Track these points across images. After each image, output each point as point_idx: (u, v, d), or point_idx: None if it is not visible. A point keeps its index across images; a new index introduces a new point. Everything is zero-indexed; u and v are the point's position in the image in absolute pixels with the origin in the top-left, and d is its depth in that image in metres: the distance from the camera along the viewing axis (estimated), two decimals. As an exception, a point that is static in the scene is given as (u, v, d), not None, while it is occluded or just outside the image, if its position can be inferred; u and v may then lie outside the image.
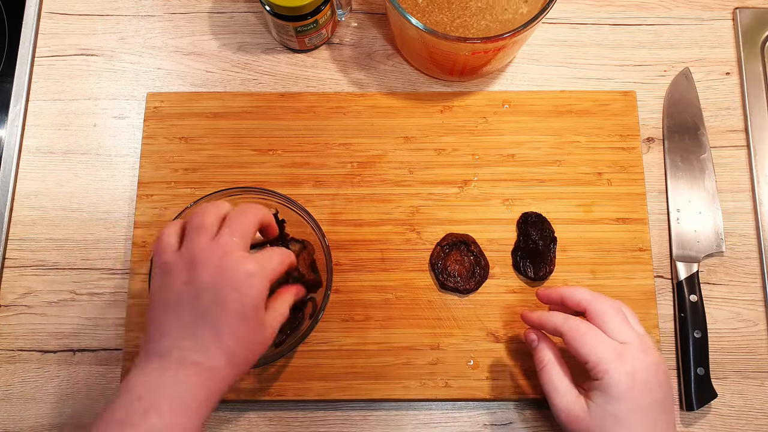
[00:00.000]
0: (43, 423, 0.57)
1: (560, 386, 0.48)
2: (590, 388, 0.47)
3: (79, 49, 0.67)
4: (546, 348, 0.51)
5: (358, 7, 0.68)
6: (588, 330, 0.47)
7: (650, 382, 0.46)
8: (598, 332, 0.47)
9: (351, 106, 0.64)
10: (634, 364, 0.45)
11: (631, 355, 0.46)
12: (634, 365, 0.45)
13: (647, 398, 0.45)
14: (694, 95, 0.65)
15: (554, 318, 0.50)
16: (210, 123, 0.63)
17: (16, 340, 0.59)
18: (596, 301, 0.49)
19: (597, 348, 0.46)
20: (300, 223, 0.56)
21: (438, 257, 0.60)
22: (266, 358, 0.52)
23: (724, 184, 0.64)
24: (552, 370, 0.49)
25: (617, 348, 0.46)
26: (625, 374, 0.45)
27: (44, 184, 0.63)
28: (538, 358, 0.51)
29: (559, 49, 0.67)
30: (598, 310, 0.48)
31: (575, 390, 0.48)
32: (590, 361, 0.46)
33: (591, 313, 0.49)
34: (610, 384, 0.45)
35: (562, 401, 0.48)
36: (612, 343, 0.46)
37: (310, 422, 0.58)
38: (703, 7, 0.69)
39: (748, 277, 0.61)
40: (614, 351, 0.46)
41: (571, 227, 0.61)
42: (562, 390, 0.48)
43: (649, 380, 0.46)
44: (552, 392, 0.49)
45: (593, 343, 0.46)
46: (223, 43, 0.67)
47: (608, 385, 0.45)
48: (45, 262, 0.61)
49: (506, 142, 0.63)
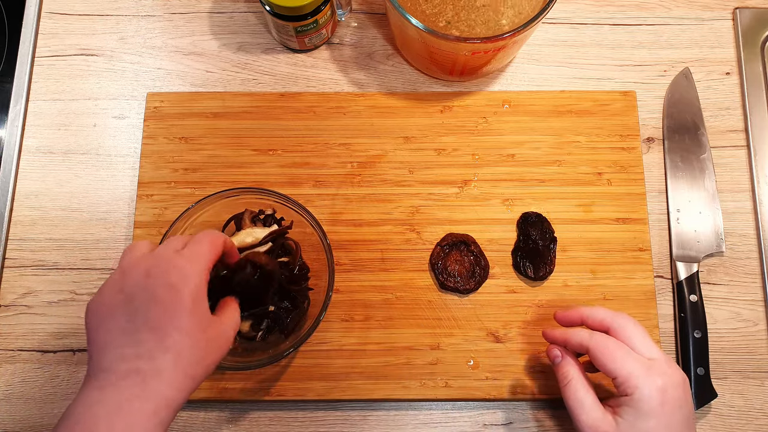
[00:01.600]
0: (43, 423, 0.57)
1: (586, 402, 0.47)
2: (619, 404, 0.46)
3: (79, 49, 0.67)
4: (570, 364, 0.50)
5: (358, 7, 0.68)
6: (616, 345, 0.47)
7: (680, 399, 0.45)
8: (625, 347, 0.47)
9: (351, 106, 0.64)
10: (664, 380, 0.45)
11: (660, 370, 0.45)
12: (665, 381, 0.45)
13: (677, 415, 0.45)
14: (694, 95, 0.65)
15: (580, 334, 0.49)
16: (210, 123, 0.63)
17: (16, 340, 0.59)
18: (620, 317, 0.49)
19: (626, 363, 0.46)
20: (301, 223, 0.55)
21: (438, 257, 0.60)
22: (268, 358, 0.52)
23: (724, 184, 0.64)
24: (577, 385, 0.48)
25: (646, 363, 0.46)
26: (656, 390, 0.44)
27: (44, 184, 0.63)
28: (562, 374, 0.50)
29: (559, 49, 0.67)
30: (622, 325, 0.48)
31: (601, 406, 0.48)
32: (620, 376, 0.46)
33: (616, 329, 0.48)
34: (641, 399, 0.44)
35: (588, 418, 0.47)
36: (640, 358, 0.46)
37: (310, 422, 0.58)
38: (703, 7, 0.69)
39: (748, 277, 0.61)
40: (643, 366, 0.45)
41: (571, 227, 0.61)
42: (587, 406, 0.47)
43: (679, 397, 0.45)
44: (577, 408, 0.48)
45: (622, 358, 0.46)
46: (223, 43, 0.67)
47: (639, 400, 0.45)
48: (45, 262, 0.61)
49: (506, 142, 0.63)
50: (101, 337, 0.39)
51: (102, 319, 0.40)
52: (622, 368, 0.46)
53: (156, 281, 0.40)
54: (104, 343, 0.39)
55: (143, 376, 0.38)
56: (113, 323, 0.39)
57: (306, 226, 0.55)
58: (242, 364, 0.52)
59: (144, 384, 0.37)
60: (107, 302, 0.40)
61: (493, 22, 0.58)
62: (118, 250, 0.61)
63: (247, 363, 0.53)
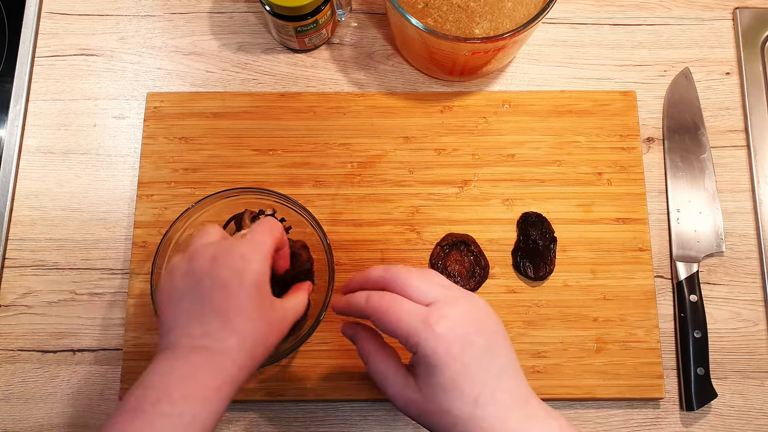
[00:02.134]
0: (43, 423, 0.57)
1: (388, 373, 0.43)
2: (413, 364, 0.42)
3: (79, 49, 0.67)
4: (365, 338, 0.45)
5: (358, 7, 0.68)
6: (391, 301, 0.41)
7: (468, 334, 0.40)
8: (401, 300, 0.41)
9: (351, 106, 0.64)
10: (443, 324, 0.40)
11: (438, 315, 0.40)
12: (444, 325, 0.40)
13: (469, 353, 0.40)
14: (694, 95, 0.65)
15: (357, 299, 0.43)
16: (210, 123, 0.63)
17: (16, 340, 0.59)
18: (391, 267, 0.43)
19: (402, 320, 0.40)
20: (301, 223, 0.56)
21: (438, 257, 0.60)
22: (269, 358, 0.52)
23: (724, 184, 0.64)
24: (377, 358, 0.43)
25: (422, 313, 0.40)
26: (436, 339, 0.39)
27: (44, 184, 0.63)
28: (360, 352, 0.45)
29: (559, 49, 0.67)
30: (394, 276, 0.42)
31: (403, 371, 0.43)
32: (400, 336, 0.40)
33: (390, 282, 0.43)
34: (427, 355, 0.39)
35: (393, 389, 0.42)
36: (417, 308, 0.41)
37: (310, 422, 0.58)
38: (703, 7, 0.69)
39: (748, 277, 0.61)
40: (420, 318, 0.40)
41: (571, 227, 0.61)
42: (391, 377, 0.42)
43: (465, 333, 0.40)
44: (382, 381, 0.43)
45: (398, 317, 0.40)
46: (223, 43, 0.67)
47: (425, 356, 0.39)
48: (45, 262, 0.61)
49: (506, 142, 0.63)
50: (170, 317, 0.43)
51: (171, 300, 0.43)
52: (400, 328, 0.40)
53: (221, 267, 0.42)
54: (174, 323, 0.43)
55: (211, 352, 0.41)
56: (180, 306, 0.43)
57: (306, 226, 0.55)
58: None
59: (212, 360, 0.41)
60: (177, 285, 0.43)
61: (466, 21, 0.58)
62: (118, 250, 0.61)
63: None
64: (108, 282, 0.61)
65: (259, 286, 0.43)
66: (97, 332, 0.59)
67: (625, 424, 0.58)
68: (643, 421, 0.58)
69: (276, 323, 0.44)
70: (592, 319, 0.59)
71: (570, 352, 0.58)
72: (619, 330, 0.59)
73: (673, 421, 0.58)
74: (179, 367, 0.40)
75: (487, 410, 0.38)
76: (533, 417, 0.39)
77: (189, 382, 0.39)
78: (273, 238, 0.46)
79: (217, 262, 0.43)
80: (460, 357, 0.39)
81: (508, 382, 0.40)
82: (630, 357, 0.58)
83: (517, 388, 0.40)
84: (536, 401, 0.40)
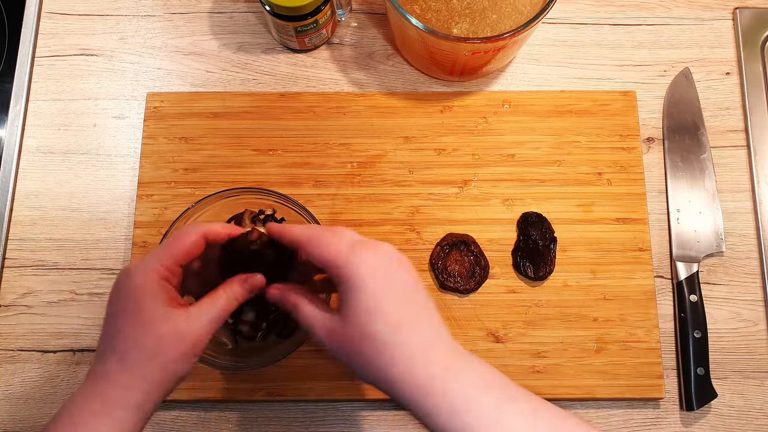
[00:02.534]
0: (43, 423, 0.57)
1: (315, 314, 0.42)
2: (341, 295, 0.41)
3: (79, 49, 0.67)
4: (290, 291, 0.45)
5: (358, 7, 0.68)
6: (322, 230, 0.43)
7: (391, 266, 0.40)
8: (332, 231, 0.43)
9: (351, 106, 0.64)
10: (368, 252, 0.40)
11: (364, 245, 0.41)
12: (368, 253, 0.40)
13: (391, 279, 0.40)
14: (694, 95, 0.65)
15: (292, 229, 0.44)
16: (210, 123, 0.63)
17: (16, 340, 0.59)
18: None
19: (331, 244, 0.41)
20: (301, 223, 0.55)
21: (438, 257, 0.60)
22: (267, 359, 0.52)
23: (724, 184, 0.64)
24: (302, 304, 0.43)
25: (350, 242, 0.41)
26: (360, 261, 0.40)
27: (44, 184, 0.63)
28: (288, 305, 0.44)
29: (559, 49, 0.67)
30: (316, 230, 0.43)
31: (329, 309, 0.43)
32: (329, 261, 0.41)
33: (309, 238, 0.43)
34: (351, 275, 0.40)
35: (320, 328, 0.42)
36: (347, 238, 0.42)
37: (310, 422, 0.58)
38: (703, 7, 0.69)
39: (748, 277, 0.61)
40: (348, 244, 0.41)
41: (571, 227, 0.61)
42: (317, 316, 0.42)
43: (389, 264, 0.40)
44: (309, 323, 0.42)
45: (327, 241, 0.41)
46: (223, 43, 0.67)
47: (349, 278, 0.39)
48: (45, 262, 0.61)
49: (506, 142, 0.63)
50: None
51: None
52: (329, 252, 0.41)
53: (113, 288, 0.42)
54: None
55: (97, 377, 0.40)
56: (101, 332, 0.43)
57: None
58: (242, 365, 0.53)
59: (96, 384, 0.40)
60: None
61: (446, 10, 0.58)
62: (118, 250, 0.61)
63: (247, 363, 0.53)
64: (108, 282, 0.61)
65: (138, 301, 0.41)
66: (96, 332, 0.59)
67: (625, 424, 0.58)
68: (643, 421, 0.58)
69: (169, 335, 0.41)
70: (592, 319, 0.59)
71: (570, 352, 0.58)
72: (619, 330, 0.59)
73: (673, 421, 0.58)
74: (76, 398, 0.40)
75: (411, 339, 0.38)
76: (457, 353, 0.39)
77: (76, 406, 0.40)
78: (171, 246, 0.43)
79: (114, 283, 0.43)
80: (383, 280, 0.39)
81: (430, 318, 0.40)
82: (630, 357, 0.58)
83: (440, 328, 0.40)
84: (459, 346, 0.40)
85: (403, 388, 0.38)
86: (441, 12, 0.58)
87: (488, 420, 0.36)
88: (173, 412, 0.58)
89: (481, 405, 0.37)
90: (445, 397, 0.37)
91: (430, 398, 0.37)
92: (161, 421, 0.58)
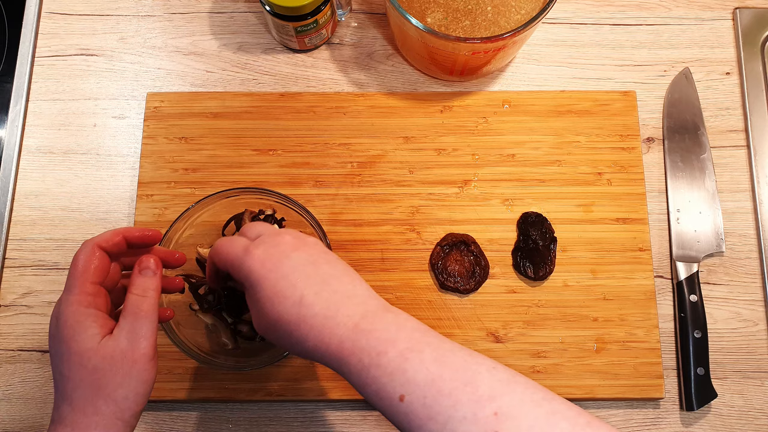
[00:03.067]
0: (43, 423, 0.57)
1: None
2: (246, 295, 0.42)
3: (79, 49, 0.67)
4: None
5: (358, 7, 0.68)
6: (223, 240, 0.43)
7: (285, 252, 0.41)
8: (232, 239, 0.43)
9: (351, 106, 0.64)
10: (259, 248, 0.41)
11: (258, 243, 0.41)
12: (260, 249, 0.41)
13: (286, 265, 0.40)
14: (694, 95, 0.65)
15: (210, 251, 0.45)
16: (210, 123, 0.63)
17: (16, 340, 0.59)
18: None
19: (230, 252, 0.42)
20: (301, 223, 0.55)
21: (438, 257, 0.60)
22: (268, 358, 0.52)
23: (724, 184, 0.64)
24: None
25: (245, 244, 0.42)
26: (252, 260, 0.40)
27: (44, 184, 0.63)
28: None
29: (559, 49, 0.67)
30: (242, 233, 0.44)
31: None
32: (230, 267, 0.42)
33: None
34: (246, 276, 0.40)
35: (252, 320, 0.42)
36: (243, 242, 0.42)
37: (310, 422, 0.58)
38: (703, 7, 0.69)
39: (748, 277, 0.61)
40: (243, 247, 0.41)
41: (571, 227, 0.61)
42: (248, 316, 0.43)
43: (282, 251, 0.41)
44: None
45: (226, 250, 0.42)
46: (223, 43, 0.67)
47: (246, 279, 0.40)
48: (45, 262, 0.61)
49: (506, 142, 0.63)
50: None
51: None
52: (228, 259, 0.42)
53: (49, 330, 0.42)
54: None
55: (54, 425, 0.40)
56: None
57: (306, 226, 0.55)
58: (242, 365, 0.53)
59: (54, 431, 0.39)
60: None
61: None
62: (118, 250, 0.61)
63: (247, 363, 0.53)
64: (108, 282, 0.60)
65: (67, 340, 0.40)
66: (97, 332, 0.59)
67: (625, 424, 0.58)
68: (643, 421, 0.58)
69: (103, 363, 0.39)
70: (592, 319, 0.59)
71: (570, 352, 0.58)
72: (619, 330, 0.59)
73: (673, 421, 0.58)
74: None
75: (313, 308, 0.38)
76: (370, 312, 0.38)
77: None
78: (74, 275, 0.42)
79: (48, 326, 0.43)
80: (276, 269, 0.40)
81: (336, 285, 0.40)
82: (630, 357, 0.58)
83: (352, 290, 0.40)
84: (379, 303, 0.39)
85: (324, 359, 0.38)
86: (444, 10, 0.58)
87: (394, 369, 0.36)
88: (173, 412, 0.58)
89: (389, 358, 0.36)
90: (353, 356, 0.37)
91: (344, 361, 0.37)
92: (161, 421, 0.58)
